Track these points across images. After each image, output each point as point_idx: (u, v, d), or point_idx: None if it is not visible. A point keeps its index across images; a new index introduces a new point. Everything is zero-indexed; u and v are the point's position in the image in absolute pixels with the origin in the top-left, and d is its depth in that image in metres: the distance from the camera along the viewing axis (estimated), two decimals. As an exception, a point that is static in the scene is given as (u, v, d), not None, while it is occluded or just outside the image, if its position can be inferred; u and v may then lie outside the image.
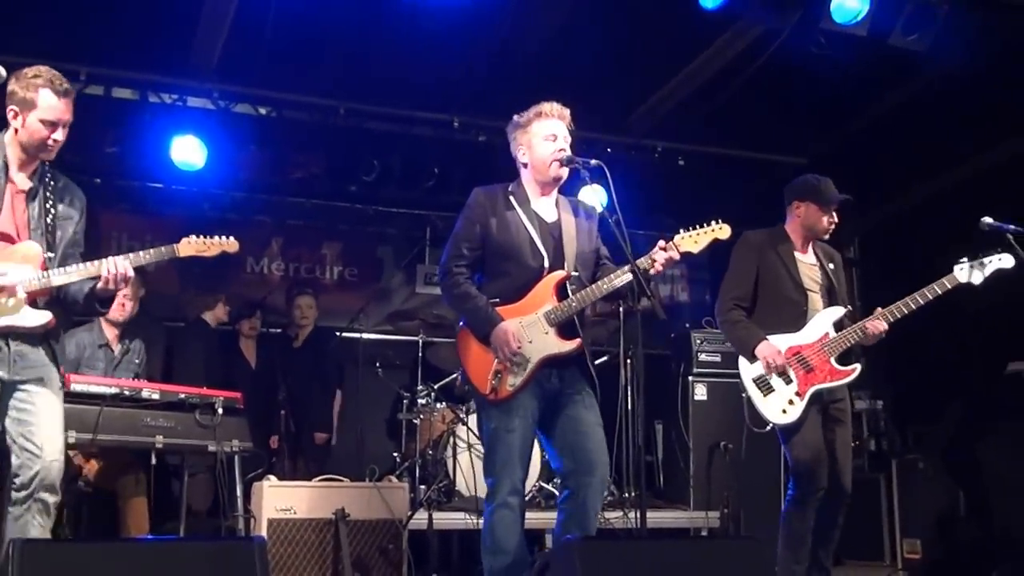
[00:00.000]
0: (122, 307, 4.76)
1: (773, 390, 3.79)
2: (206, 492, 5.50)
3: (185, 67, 5.60)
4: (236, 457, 4.46)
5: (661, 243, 3.32)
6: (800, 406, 3.75)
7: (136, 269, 5.91)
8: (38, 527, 3.00)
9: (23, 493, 2.97)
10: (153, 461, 4.26)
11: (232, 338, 6.28)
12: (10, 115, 3.05)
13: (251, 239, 7.19)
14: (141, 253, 3.19)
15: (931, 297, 3.74)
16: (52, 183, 3.17)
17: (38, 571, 2.20)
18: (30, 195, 3.11)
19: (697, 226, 3.36)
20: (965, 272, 3.76)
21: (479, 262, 3.46)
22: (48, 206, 3.11)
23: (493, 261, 3.43)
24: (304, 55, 5.45)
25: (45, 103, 3.02)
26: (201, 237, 3.31)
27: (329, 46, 5.32)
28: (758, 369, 3.82)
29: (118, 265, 3.07)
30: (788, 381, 3.78)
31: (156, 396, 4.22)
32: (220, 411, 4.33)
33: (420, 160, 6.41)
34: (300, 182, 6.74)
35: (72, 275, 3.08)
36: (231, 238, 3.38)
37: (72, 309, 3.22)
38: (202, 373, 5.36)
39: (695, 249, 3.33)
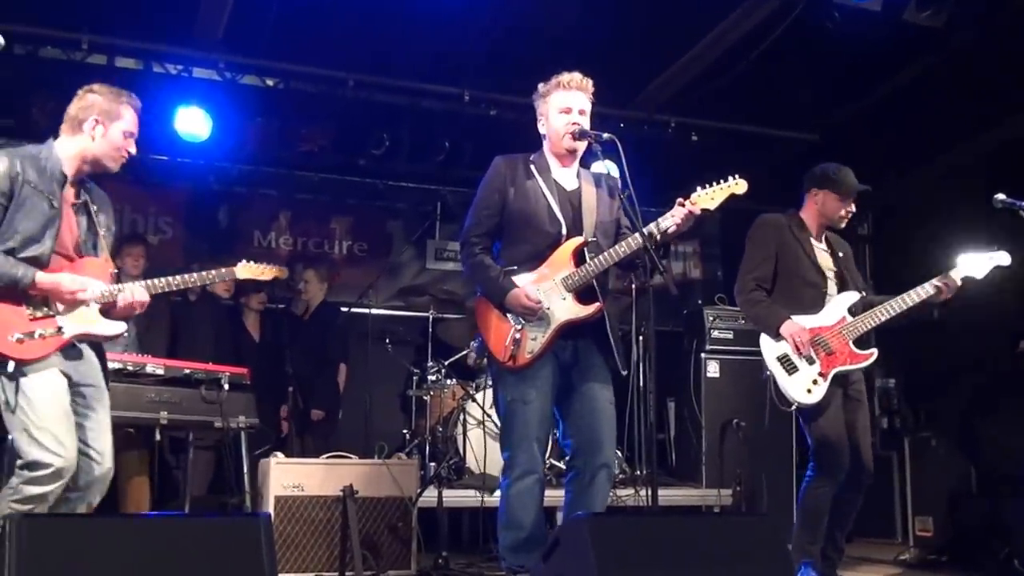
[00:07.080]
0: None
1: (797, 369, 3.77)
2: (208, 472, 5.48)
3: (190, 37, 5.48)
4: (243, 433, 4.43)
5: (680, 200, 3.28)
6: (823, 386, 3.73)
7: (140, 241, 5.83)
8: None
9: (76, 493, 3.02)
10: (157, 438, 4.24)
11: (236, 312, 6.25)
12: (89, 125, 3.07)
13: (258, 213, 7.14)
14: (202, 273, 3.33)
15: (932, 291, 3.77)
16: (91, 192, 3.19)
17: (40, 546, 2.12)
18: (79, 209, 3.13)
19: (714, 182, 3.31)
20: (967, 266, 3.79)
21: (498, 229, 3.43)
22: (94, 218, 3.15)
23: (512, 228, 3.40)
24: (312, 25, 5.33)
25: (129, 115, 3.14)
26: (254, 263, 3.52)
27: (337, 16, 5.21)
28: (782, 348, 3.80)
29: (135, 295, 3.11)
30: (811, 362, 3.76)
31: (160, 371, 4.19)
32: (226, 387, 4.30)
33: (430, 134, 6.32)
34: (308, 155, 6.64)
35: (139, 291, 3.14)
36: (280, 267, 3.62)
37: None
38: (207, 348, 5.32)
39: (712, 205, 3.29)
